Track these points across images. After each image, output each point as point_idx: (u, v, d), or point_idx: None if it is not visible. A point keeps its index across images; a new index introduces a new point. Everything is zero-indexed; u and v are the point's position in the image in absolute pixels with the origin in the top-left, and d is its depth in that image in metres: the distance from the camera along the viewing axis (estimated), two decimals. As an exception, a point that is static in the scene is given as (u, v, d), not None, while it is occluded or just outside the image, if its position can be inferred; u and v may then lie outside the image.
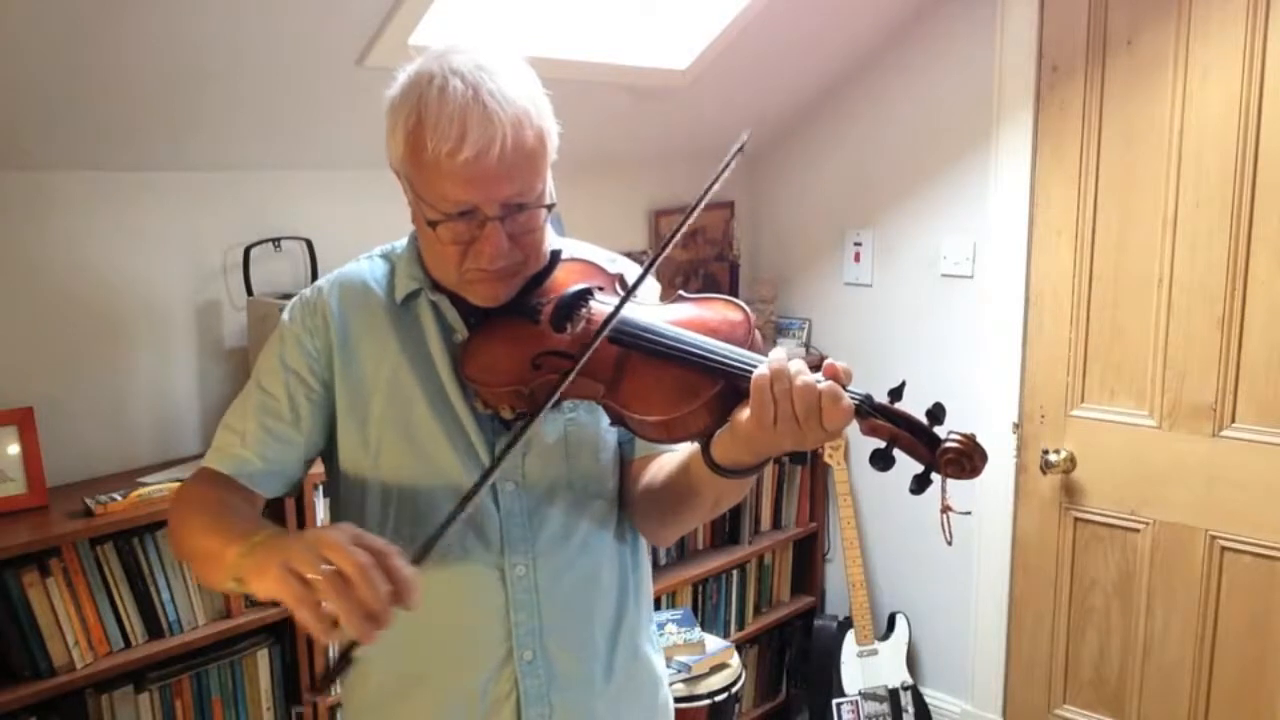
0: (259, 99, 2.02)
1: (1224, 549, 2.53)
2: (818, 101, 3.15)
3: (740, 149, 1.07)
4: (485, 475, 1.04)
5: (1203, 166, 2.44)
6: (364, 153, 2.40)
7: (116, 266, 2.10)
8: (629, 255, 1.33)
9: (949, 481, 0.98)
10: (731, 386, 1.03)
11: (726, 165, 1.06)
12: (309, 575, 0.90)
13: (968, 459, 0.96)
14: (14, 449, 1.91)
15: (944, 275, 2.96)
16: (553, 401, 1.04)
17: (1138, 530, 2.67)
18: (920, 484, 0.98)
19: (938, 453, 0.97)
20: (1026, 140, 2.71)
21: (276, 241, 2.29)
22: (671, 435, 1.06)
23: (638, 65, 2.50)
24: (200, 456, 2.17)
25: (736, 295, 3.29)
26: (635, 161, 2.74)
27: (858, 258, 3.15)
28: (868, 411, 0.98)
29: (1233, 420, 2.48)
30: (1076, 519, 2.78)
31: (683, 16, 2.46)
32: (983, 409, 2.86)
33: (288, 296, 2.17)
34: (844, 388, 0.96)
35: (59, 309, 2.04)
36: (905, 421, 0.98)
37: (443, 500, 1.18)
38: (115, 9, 1.66)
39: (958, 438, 0.97)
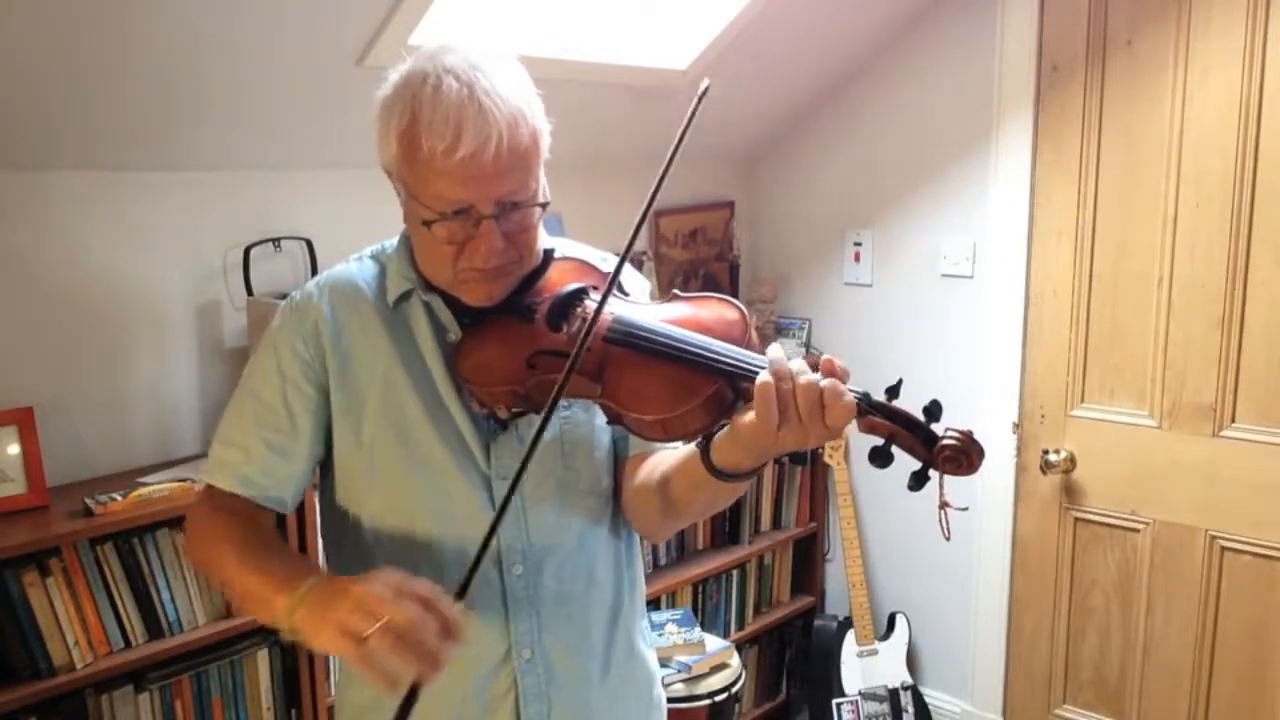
0: (259, 99, 2.02)
1: (1224, 549, 2.53)
2: (818, 101, 3.15)
3: (703, 94, 1.05)
4: (504, 504, 1.03)
5: (1203, 166, 2.44)
6: (364, 153, 2.38)
7: (117, 266, 2.10)
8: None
9: (946, 478, 0.98)
10: (730, 385, 1.02)
11: (693, 114, 1.05)
12: (366, 633, 0.93)
13: (965, 455, 0.96)
14: (14, 449, 1.91)
15: (944, 275, 2.96)
16: (551, 404, 1.02)
17: (1138, 530, 2.67)
18: (919, 480, 0.99)
19: (935, 450, 0.97)
20: (1026, 140, 2.71)
21: (276, 241, 2.29)
22: (669, 434, 1.05)
23: (638, 65, 2.50)
24: (200, 456, 2.20)
25: (736, 295, 3.29)
26: (635, 161, 2.73)
27: (858, 258, 3.15)
28: (866, 409, 0.98)
29: (1233, 420, 2.48)
30: (1076, 519, 2.78)
31: (683, 16, 2.46)
32: (983, 409, 2.86)
33: (287, 297, 2.16)
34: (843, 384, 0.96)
35: (59, 309, 2.04)
36: (903, 418, 0.98)
37: (438, 502, 1.17)
38: (115, 8, 1.66)
39: (955, 434, 0.97)
